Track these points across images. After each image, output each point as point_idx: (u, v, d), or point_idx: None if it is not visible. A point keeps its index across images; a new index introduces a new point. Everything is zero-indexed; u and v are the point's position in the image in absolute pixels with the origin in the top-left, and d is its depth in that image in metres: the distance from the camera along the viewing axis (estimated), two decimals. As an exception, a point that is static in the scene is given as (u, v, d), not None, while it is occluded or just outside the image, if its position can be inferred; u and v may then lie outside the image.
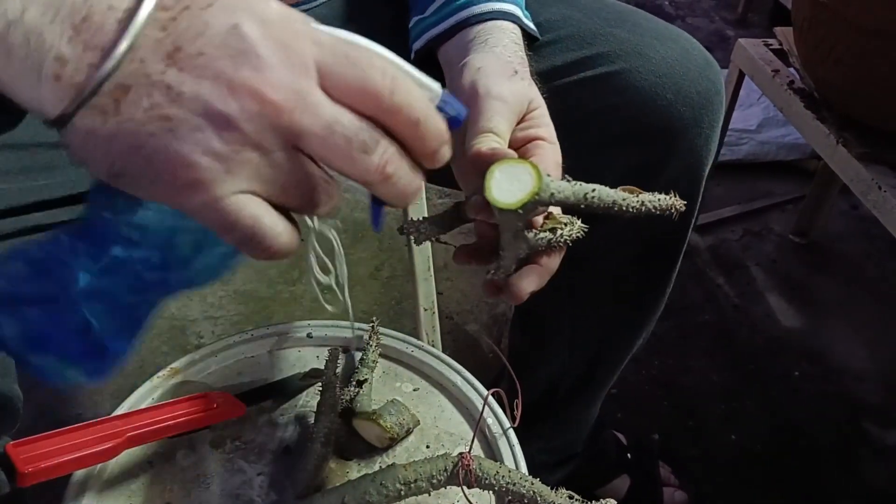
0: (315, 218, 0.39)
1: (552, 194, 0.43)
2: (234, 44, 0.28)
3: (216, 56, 0.28)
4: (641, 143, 0.64)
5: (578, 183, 0.45)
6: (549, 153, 0.49)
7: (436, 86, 0.37)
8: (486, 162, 0.44)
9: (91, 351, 0.35)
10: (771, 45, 1.19)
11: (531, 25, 0.60)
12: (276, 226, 0.31)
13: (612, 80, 0.62)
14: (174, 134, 0.28)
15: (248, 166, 0.29)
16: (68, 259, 0.33)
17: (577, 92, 0.63)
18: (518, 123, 0.51)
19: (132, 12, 0.27)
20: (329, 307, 0.47)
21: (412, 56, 0.62)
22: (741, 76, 1.22)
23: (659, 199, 0.46)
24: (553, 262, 0.48)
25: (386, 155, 0.32)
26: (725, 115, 1.22)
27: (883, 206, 0.88)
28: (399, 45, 0.63)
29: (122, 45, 0.27)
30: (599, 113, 0.63)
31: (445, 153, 0.35)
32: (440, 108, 0.36)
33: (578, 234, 0.48)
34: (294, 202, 0.32)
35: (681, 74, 0.63)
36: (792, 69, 1.12)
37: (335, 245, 0.42)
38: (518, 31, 0.57)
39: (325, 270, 0.43)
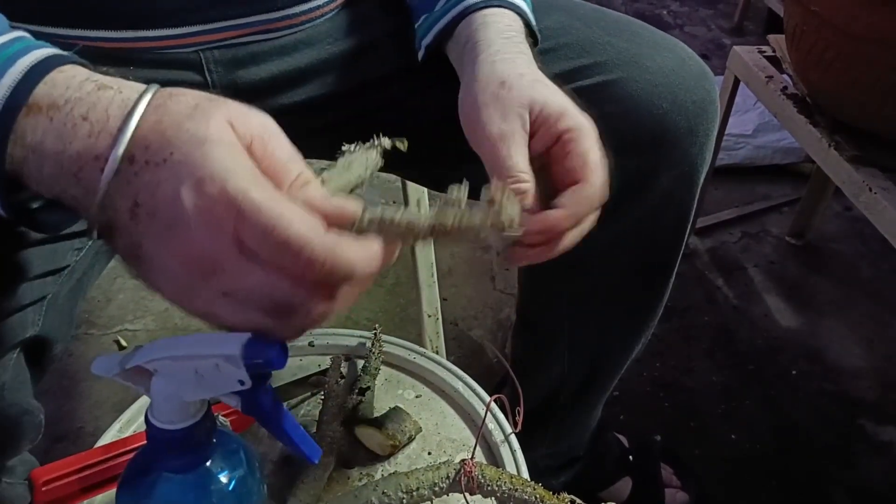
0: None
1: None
2: (171, 212, 0.34)
3: (159, 221, 0.35)
4: (637, 152, 0.64)
5: None
6: (581, 146, 0.50)
7: (234, 344, 0.36)
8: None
9: None
10: (765, 52, 1.20)
11: (533, 22, 0.60)
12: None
13: (608, 89, 0.62)
14: (140, 265, 0.36)
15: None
16: None
17: (574, 100, 0.63)
18: (536, 130, 0.51)
19: (106, 162, 0.35)
20: None
21: (421, 56, 0.62)
22: (736, 82, 1.23)
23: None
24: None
25: (308, 314, 0.36)
26: (721, 121, 1.23)
27: (874, 208, 0.89)
28: (400, 54, 0.64)
29: (99, 196, 0.35)
30: (595, 121, 0.64)
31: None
32: (245, 363, 0.36)
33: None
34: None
35: (677, 84, 0.63)
36: (785, 75, 1.13)
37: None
38: (519, 21, 0.57)
39: None
